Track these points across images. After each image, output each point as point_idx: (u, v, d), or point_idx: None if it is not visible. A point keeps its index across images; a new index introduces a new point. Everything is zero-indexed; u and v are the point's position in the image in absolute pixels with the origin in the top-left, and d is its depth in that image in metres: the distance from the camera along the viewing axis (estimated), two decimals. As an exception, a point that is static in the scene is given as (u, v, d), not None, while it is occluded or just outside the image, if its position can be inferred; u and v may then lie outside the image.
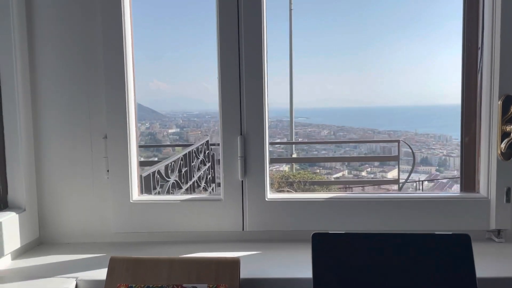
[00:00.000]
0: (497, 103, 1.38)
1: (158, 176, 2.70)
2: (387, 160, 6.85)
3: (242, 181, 1.45)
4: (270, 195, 1.46)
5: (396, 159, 5.33)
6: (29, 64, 1.42)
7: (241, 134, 1.44)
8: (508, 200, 1.39)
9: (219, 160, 5.02)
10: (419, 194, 1.54)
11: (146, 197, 1.52)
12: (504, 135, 1.38)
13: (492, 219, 1.41)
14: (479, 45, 1.48)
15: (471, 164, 1.54)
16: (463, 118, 1.58)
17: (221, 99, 1.43)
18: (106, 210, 1.48)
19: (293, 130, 9.58)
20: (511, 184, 1.39)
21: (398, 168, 5.22)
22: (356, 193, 1.45)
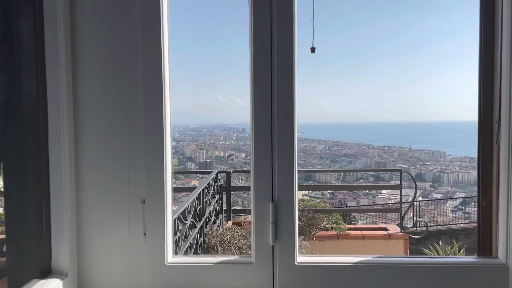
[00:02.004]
0: (515, 176, 1.47)
1: (178, 221, 2.77)
2: (390, 188, 6.98)
3: (272, 245, 1.52)
4: (300, 259, 1.53)
5: (398, 188, 5.44)
6: (74, 137, 1.49)
7: (272, 201, 1.52)
8: (525, 268, 1.47)
9: (224, 187, 5.09)
10: (438, 259, 1.63)
11: (180, 259, 1.58)
12: (521, 206, 1.47)
13: (511, 285, 1.49)
14: (497, 119, 1.58)
15: (488, 229, 1.62)
16: (480, 183, 1.67)
17: (254, 168, 1.51)
18: (142, 272, 1.54)
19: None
20: (528, 252, 1.47)
21: (401, 198, 5.31)
22: (380, 256, 1.53)
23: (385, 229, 4.97)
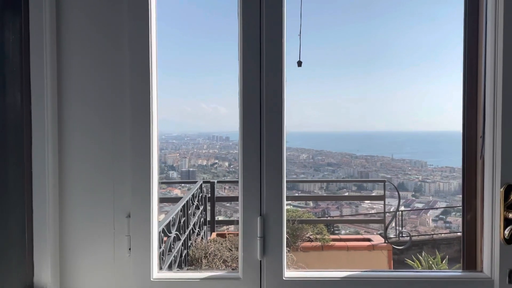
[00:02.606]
0: (499, 191, 1.49)
1: (162, 234, 2.74)
2: (374, 199, 7.05)
3: (260, 260, 1.51)
4: (287, 273, 1.52)
5: (382, 198, 5.48)
6: (59, 149, 1.46)
7: (260, 215, 1.51)
8: (510, 281, 1.49)
9: (208, 198, 5.04)
10: (424, 273, 1.64)
11: (166, 274, 1.56)
12: (506, 220, 1.49)
13: (495, 298, 1.50)
14: (481, 134, 1.60)
15: (472, 242, 1.64)
16: (464, 197, 1.69)
17: (242, 182, 1.50)
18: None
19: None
20: (512, 266, 1.49)
21: (384, 208, 5.36)
22: (367, 271, 1.52)
23: (369, 239, 4.99)
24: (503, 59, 1.47)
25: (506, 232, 1.47)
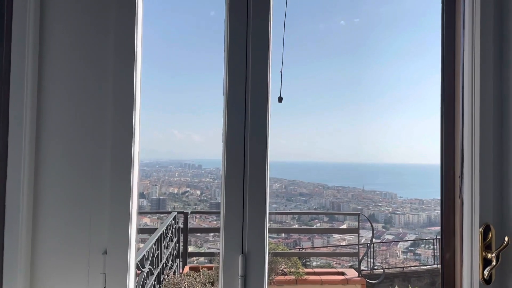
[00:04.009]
0: (478, 231, 1.51)
1: (136, 270, 2.63)
2: (348, 233, 7.10)
3: (241, 300, 1.47)
4: (268, 314, 1.49)
5: (356, 231, 5.53)
6: (34, 180, 1.41)
7: (242, 253, 1.47)
8: (489, 322, 1.49)
9: (181, 228, 4.94)
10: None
11: (142, 314, 1.49)
12: (485, 260, 1.50)
13: None
14: (460, 174, 1.63)
15: (451, 281, 1.65)
16: (443, 236, 1.71)
17: (224, 221, 1.47)
18: (99, 329, 1.43)
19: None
20: (491, 307, 1.50)
21: (358, 242, 5.38)
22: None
23: (343, 273, 4.98)
24: (480, 100, 1.52)
25: (486, 272, 1.48)
